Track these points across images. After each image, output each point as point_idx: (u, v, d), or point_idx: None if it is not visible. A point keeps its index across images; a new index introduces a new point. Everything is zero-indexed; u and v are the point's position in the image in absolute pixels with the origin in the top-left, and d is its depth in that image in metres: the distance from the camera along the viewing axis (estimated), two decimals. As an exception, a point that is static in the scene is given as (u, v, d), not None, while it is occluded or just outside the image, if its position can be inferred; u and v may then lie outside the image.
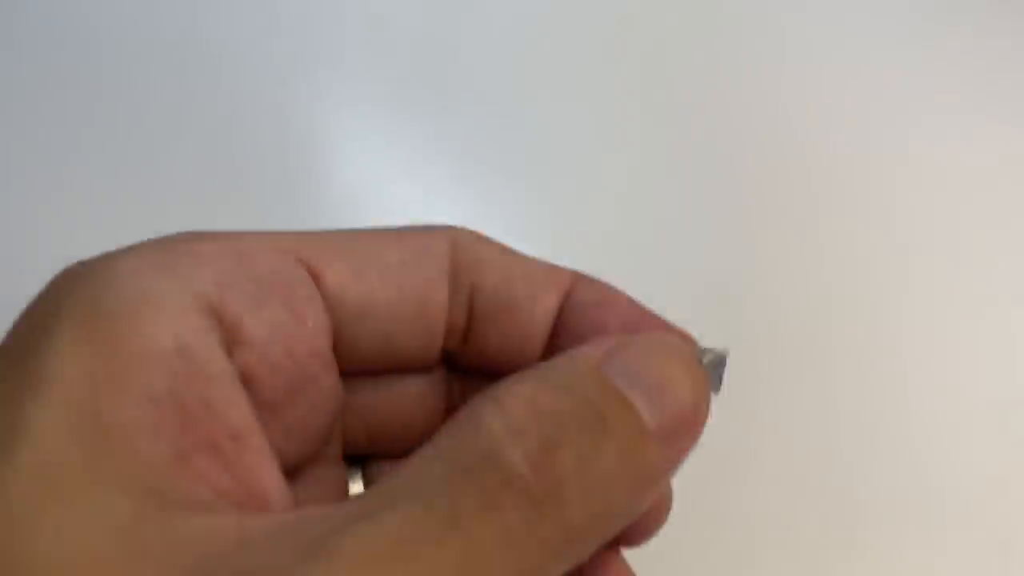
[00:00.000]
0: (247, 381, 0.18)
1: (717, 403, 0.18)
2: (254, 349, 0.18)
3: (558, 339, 0.21)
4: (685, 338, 0.20)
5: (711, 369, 0.19)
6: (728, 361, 0.20)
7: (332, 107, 0.41)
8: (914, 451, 0.36)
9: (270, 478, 0.16)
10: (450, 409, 0.22)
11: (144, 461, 0.15)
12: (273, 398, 0.18)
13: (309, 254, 0.19)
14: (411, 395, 0.22)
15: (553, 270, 0.21)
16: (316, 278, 0.19)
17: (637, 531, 0.21)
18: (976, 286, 0.39)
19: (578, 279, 0.21)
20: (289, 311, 0.18)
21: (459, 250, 0.21)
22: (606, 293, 0.21)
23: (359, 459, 0.22)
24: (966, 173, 0.41)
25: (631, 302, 0.21)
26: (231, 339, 0.18)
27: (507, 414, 0.16)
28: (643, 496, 0.17)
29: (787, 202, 0.41)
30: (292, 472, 0.20)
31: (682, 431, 0.17)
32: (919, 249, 0.40)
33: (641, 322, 0.21)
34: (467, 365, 0.22)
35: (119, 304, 0.16)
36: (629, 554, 0.21)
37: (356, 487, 0.22)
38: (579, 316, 0.21)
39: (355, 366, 0.20)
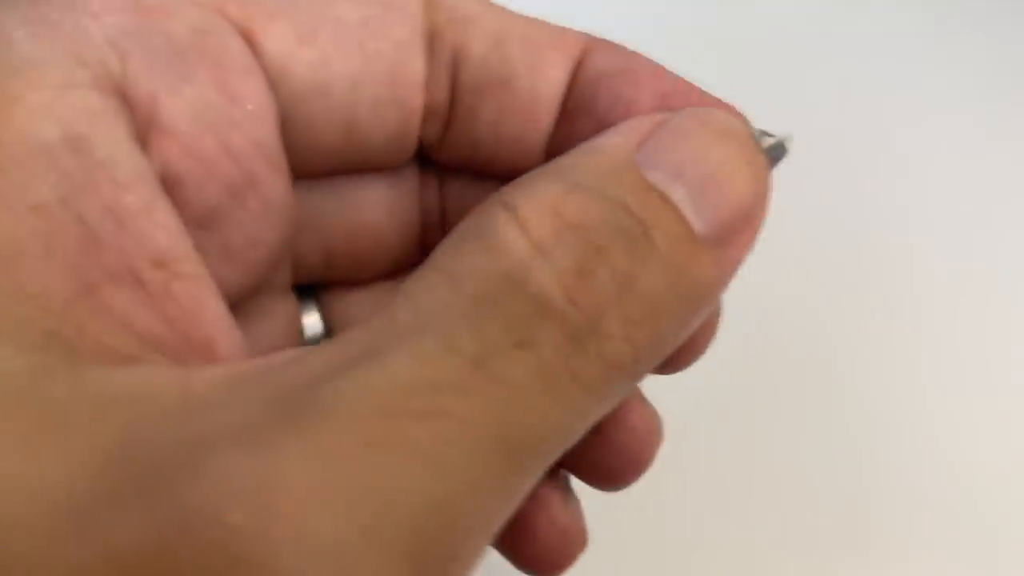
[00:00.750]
0: (169, 185, 0.13)
1: (724, 404, 0.16)
2: (176, 140, 0.13)
3: (569, 122, 0.16)
4: (734, 114, 0.16)
5: (770, 156, 0.15)
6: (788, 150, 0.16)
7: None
8: (923, 451, 0.36)
9: (214, 316, 0.13)
10: (428, 221, 0.18)
11: (35, 296, 0.11)
12: (204, 207, 0.14)
13: (238, 9, 0.14)
14: (378, 202, 0.17)
15: (560, 32, 0.16)
16: (251, 43, 0.14)
17: (680, 355, 0.17)
18: (985, 283, 0.39)
19: (593, 43, 0.16)
20: (220, 87, 0.14)
21: (436, 5, 0.16)
22: (629, 59, 0.16)
23: (309, 289, 0.18)
24: (976, 169, 0.41)
25: (662, 70, 0.16)
26: (144, 126, 0.13)
27: (529, 228, 0.13)
28: (694, 317, 0.14)
29: (793, 200, 0.40)
30: (231, 308, 0.15)
31: (738, 233, 0.14)
32: (925, 248, 0.40)
33: (677, 94, 0.16)
34: (449, 160, 0.17)
35: None
36: (628, 548, 0.19)
37: (311, 323, 0.18)
38: (596, 90, 0.16)
39: (306, 164, 0.16)
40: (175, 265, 0.12)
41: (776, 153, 0.15)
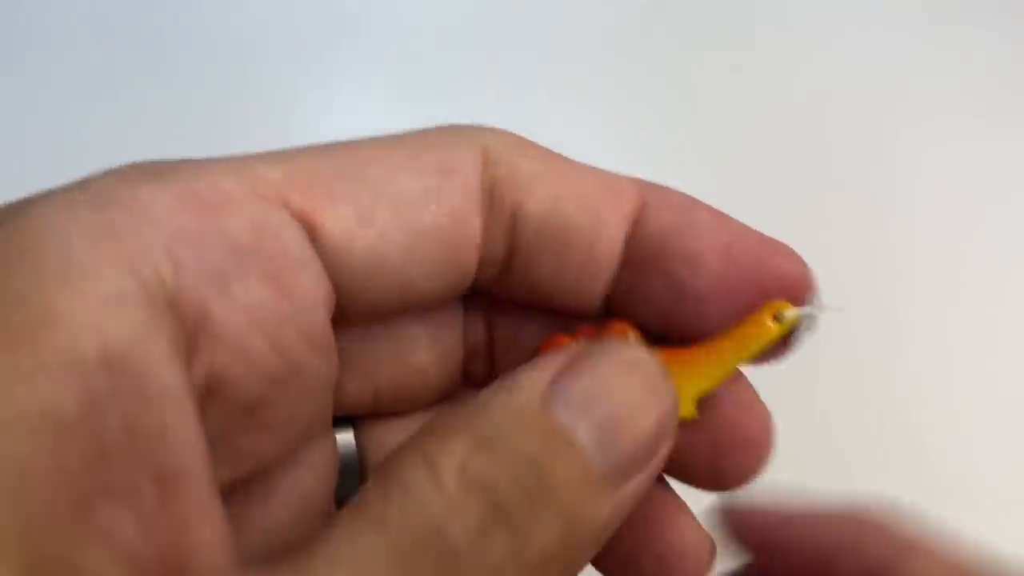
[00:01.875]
0: (213, 390, 0.14)
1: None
2: (223, 343, 0.14)
3: (635, 274, 0.17)
4: (793, 260, 0.16)
5: (798, 327, 0.16)
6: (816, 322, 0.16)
7: (334, 102, 0.41)
8: (922, 450, 0.36)
9: (200, 535, 0.12)
10: (470, 352, 0.18)
11: (34, 514, 0.11)
12: (248, 399, 0.14)
13: (301, 195, 0.15)
14: (425, 340, 0.18)
15: (617, 184, 0.17)
16: (312, 228, 0.15)
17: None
18: (988, 282, 0.39)
19: (649, 194, 0.17)
20: (274, 285, 0.14)
21: (494, 162, 0.16)
22: (689, 211, 0.17)
23: (348, 419, 0.19)
24: (982, 169, 0.41)
25: (722, 219, 0.17)
26: (192, 332, 0.13)
27: (442, 486, 0.13)
28: (591, 550, 0.15)
29: (797, 199, 0.41)
30: (267, 472, 0.16)
31: (639, 468, 0.14)
32: (929, 246, 0.40)
33: (740, 244, 0.16)
34: (500, 301, 0.18)
35: (25, 282, 0.12)
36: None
37: (347, 442, 0.19)
38: (662, 246, 0.16)
39: (359, 319, 0.16)
40: (176, 482, 0.12)
41: (806, 324, 0.16)
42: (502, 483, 0.13)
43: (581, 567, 0.15)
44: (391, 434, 0.18)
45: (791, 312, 0.16)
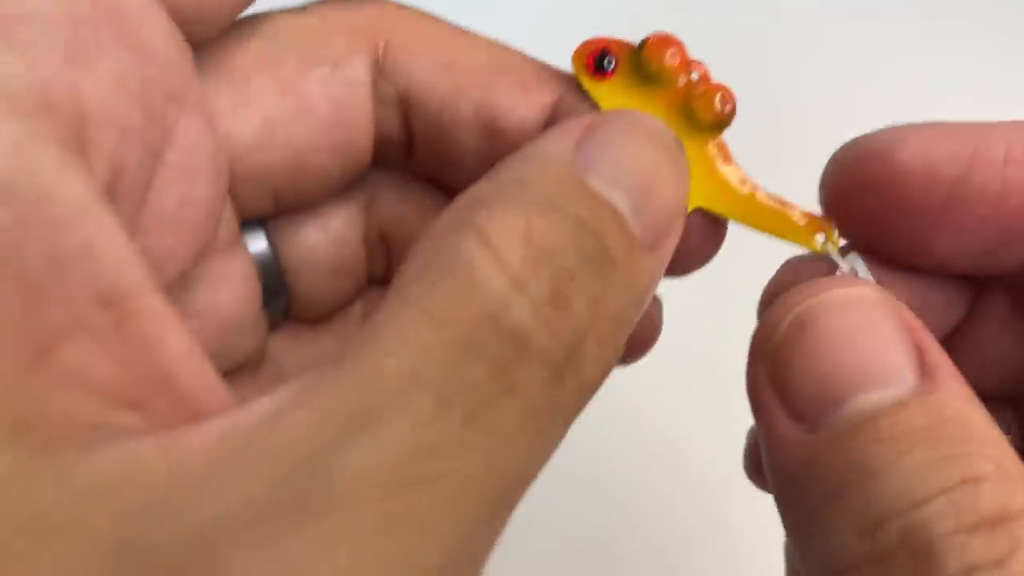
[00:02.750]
0: (112, 186, 0.13)
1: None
2: (110, 129, 0.13)
3: None
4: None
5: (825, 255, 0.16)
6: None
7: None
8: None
9: (172, 350, 0.12)
10: (382, 131, 0.18)
11: None
12: (144, 187, 0.14)
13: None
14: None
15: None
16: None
17: (633, 350, 0.18)
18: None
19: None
20: (130, 48, 0.13)
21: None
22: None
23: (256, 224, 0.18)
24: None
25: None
26: (78, 131, 0.12)
27: (504, 260, 0.12)
28: (640, 314, 0.14)
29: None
30: (183, 278, 0.15)
31: (668, 236, 0.14)
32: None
33: None
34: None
35: None
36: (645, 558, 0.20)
37: (257, 246, 0.18)
38: None
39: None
40: (123, 303, 0.11)
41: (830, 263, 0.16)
42: (567, 250, 0.13)
43: (627, 333, 0.14)
44: (303, 229, 0.18)
45: (830, 243, 0.16)
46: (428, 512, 0.11)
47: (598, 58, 0.17)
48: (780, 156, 0.41)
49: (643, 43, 0.17)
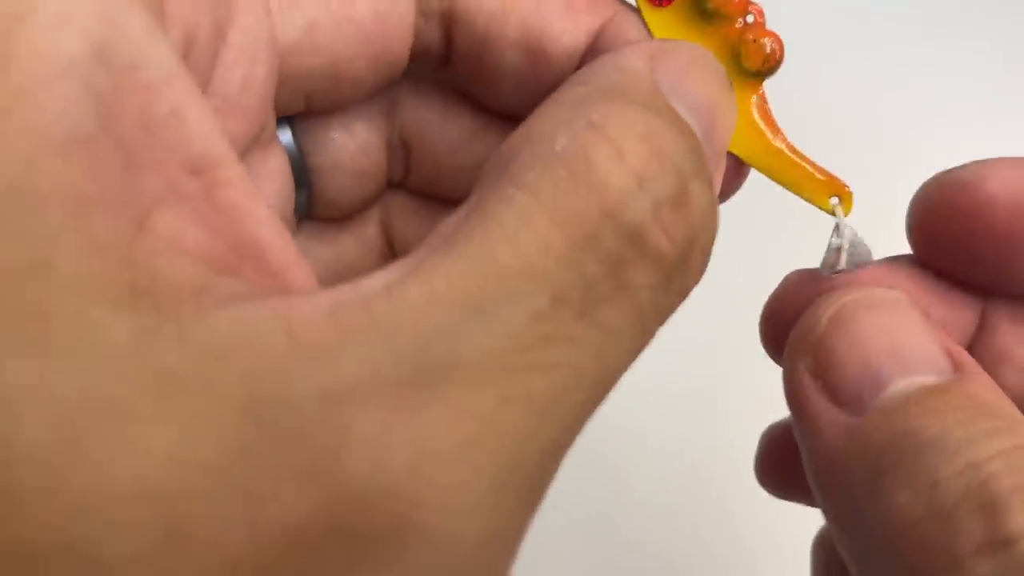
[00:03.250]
0: (185, 48, 0.13)
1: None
2: None
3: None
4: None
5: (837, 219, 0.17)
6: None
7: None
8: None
9: (260, 220, 0.12)
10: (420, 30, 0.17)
11: (107, 248, 0.10)
12: (208, 64, 0.14)
13: None
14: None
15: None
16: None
17: None
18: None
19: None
20: None
21: None
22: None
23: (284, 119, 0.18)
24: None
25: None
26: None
27: (624, 154, 0.12)
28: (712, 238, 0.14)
29: (790, 202, 0.40)
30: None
31: (721, 170, 0.15)
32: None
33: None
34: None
35: None
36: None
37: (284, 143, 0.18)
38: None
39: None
40: (212, 172, 0.11)
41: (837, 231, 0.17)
42: (685, 153, 0.13)
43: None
44: (331, 130, 0.18)
45: (841, 209, 0.17)
46: (544, 396, 0.11)
47: None
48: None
49: None
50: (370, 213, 0.20)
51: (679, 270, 0.12)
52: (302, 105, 0.17)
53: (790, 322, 0.16)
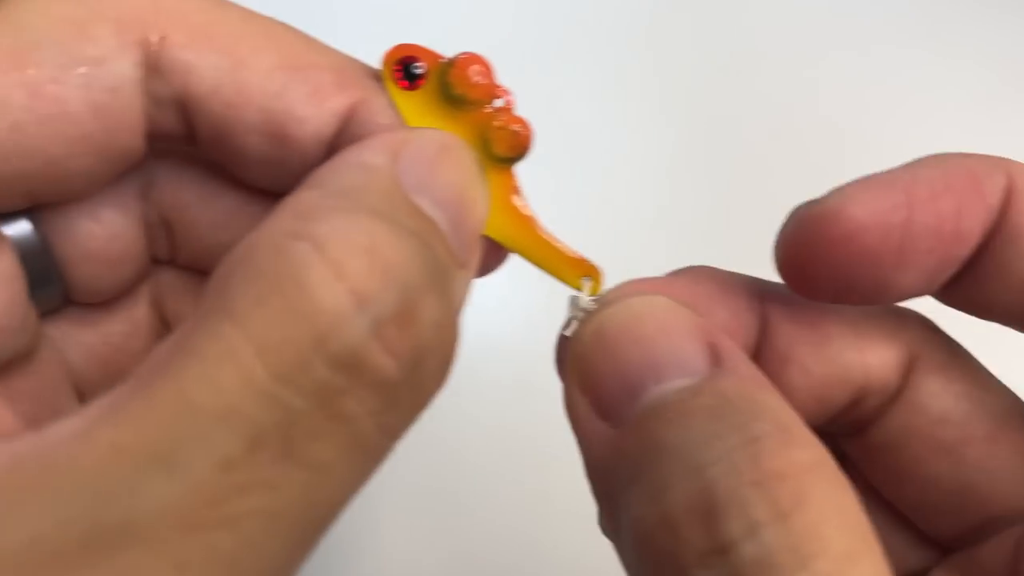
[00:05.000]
0: None
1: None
2: None
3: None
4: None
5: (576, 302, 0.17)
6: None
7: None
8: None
9: None
10: (156, 116, 0.16)
11: None
12: None
13: None
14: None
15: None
16: None
17: None
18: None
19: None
20: None
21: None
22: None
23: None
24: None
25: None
26: None
27: (344, 273, 0.11)
28: (454, 332, 0.14)
29: (789, 202, 0.39)
30: None
31: (476, 255, 0.15)
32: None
33: None
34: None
35: None
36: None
37: (20, 232, 0.17)
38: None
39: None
40: None
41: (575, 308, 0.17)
42: (413, 264, 0.12)
43: (457, 348, 0.14)
44: (75, 219, 0.17)
45: (588, 290, 0.17)
46: (232, 551, 0.10)
47: (407, 66, 0.16)
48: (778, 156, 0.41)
49: (452, 61, 0.16)
50: (138, 293, 0.19)
51: (408, 387, 0.12)
52: (27, 203, 0.16)
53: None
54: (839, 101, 0.42)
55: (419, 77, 0.16)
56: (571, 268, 0.17)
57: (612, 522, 0.14)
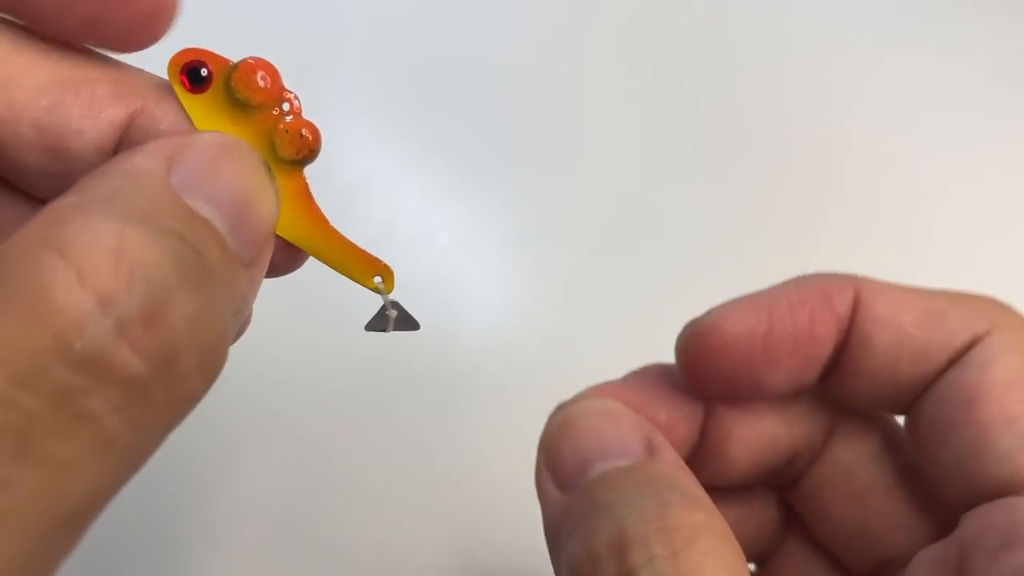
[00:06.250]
0: None
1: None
2: None
3: None
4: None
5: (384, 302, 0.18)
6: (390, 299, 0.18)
7: (333, 106, 0.41)
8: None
9: None
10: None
11: None
12: None
13: None
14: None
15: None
16: None
17: None
18: (985, 283, 0.39)
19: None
20: None
21: None
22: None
23: None
24: (973, 171, 0.41)
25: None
26: None
27: (87, 276, 0.12)
28: (236, 328, 0.15)
29: (792, 202, 0.41)
30: None
31: (264, 253, 0.15)
32: (927, 247, 0.40)
33: None
34: None
35: None
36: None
37: None
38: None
39: None
40: None
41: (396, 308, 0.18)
42: (165, 264, 0.13)
43: (229, 343, 0.15)
44: None
45: (384, 285, 0.18)
46: None
47: (191, 71, 0.17)
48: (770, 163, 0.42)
49: (235, 65, 0.17)
50: None
51: (162, 385, 0.12)
52: None
53: None
54: (839, 101, 0.43)
55: (205, 81, 0.17)
56: (364, 267, 0.18)
57: (558, 569, 0.18)
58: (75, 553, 0.12)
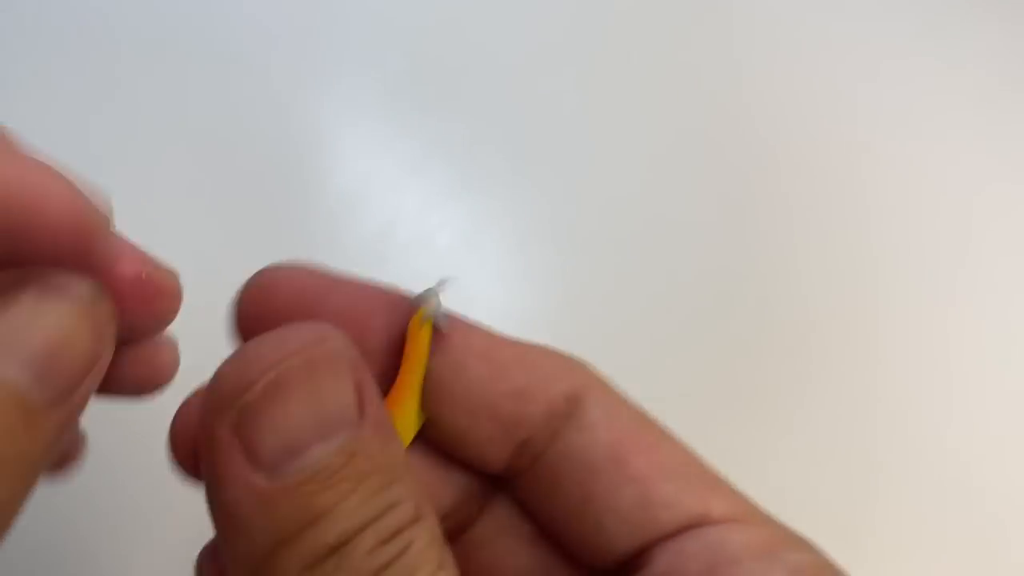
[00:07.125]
0: None
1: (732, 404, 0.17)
2: None
3: None
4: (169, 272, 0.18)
5: (434, 315, 0.18)
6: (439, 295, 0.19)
7: (332, 107, 0.41)
8: (921, 448, 0.36)
9: None
10: None
11: None
12: None
13: None
14: None
15: None
16: None
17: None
18: (985, 283, 0.39)
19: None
20: None
21: None
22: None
23: None
24: (972, 172, 0.41)
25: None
26: None
27: None
28: (46, 458, 0.15)
29: (791, 203, 0.41)
30: None
31: (87, 381, 0.15)
32: (926, 248, 0.40)
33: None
34: None
35: None
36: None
37: None
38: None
39: None
40: None
41: (436, 306, 0.18)
42: None
43: (37, 474, 0.15)
44: None
45: (427, 312, 0.18)
46: None
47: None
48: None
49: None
50: None
51: None
52: None
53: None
54: (842, 105, 0.43)
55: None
56: (424, 338, 0.19)
57: (244, 568, 0.15)
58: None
